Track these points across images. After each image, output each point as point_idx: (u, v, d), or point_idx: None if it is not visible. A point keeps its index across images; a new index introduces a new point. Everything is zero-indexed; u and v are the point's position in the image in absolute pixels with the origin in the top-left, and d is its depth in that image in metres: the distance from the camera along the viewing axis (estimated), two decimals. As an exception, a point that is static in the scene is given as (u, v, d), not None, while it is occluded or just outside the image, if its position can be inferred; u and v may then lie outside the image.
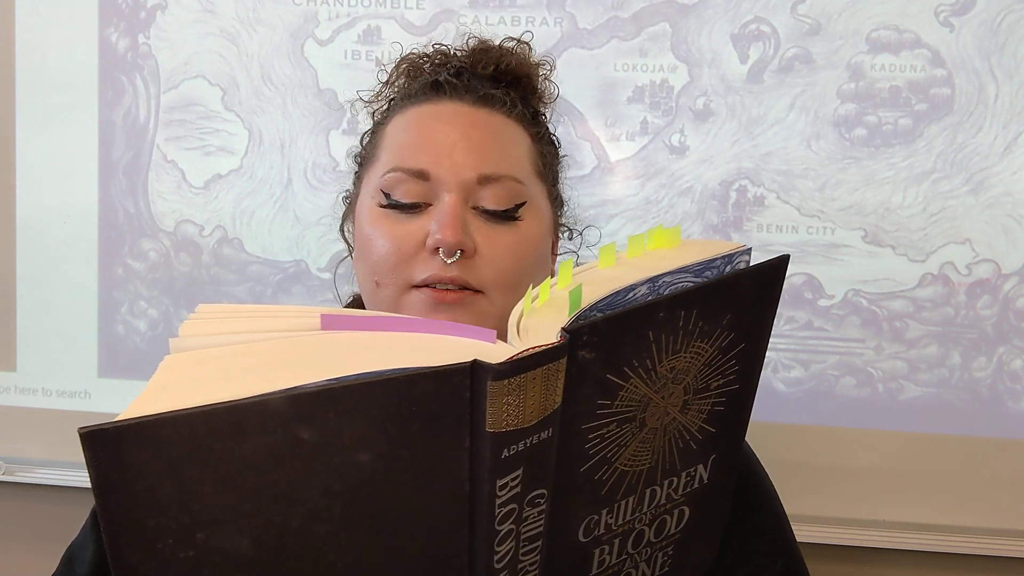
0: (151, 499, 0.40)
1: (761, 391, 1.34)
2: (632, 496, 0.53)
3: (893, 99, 1.24)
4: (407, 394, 0.42)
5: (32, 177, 1.42)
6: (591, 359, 0.46)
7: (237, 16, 1.36)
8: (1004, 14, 1.21)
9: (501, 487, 0.45)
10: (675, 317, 0.48)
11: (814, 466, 1.28)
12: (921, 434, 1.27)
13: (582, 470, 0.50)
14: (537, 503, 0.48)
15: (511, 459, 0.45)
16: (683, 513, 0.57)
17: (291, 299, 1.38)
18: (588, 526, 0.52)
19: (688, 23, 1.27)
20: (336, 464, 0.42)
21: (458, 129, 0.74)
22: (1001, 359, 1.25)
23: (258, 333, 0.46)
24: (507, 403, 0.43)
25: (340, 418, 0.41)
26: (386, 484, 0.44)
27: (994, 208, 1.23)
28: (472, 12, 1.31)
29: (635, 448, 0.52)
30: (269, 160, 1.37)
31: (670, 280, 0.51)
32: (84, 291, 1.42)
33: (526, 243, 0.74)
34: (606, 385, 0.48)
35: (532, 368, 0.43)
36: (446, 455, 0.44)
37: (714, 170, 1.28)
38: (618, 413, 0.49)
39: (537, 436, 0.45)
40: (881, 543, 1.28)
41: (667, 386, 0.51)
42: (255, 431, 0.40)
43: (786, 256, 0.53)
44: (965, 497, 1.26)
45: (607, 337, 0.46)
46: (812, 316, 1.27)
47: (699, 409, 0.53)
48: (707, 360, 0.52)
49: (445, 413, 0.43)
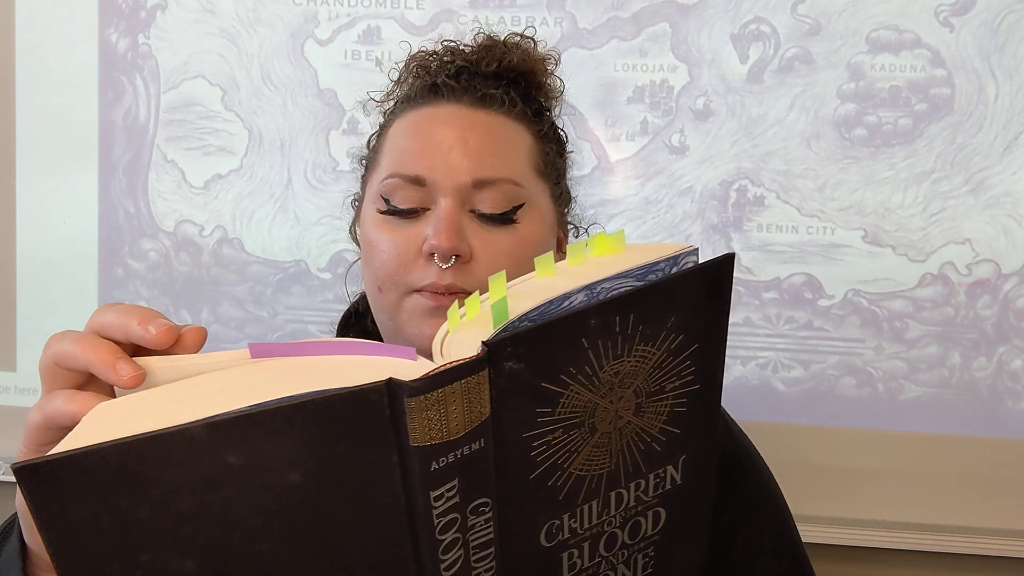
0: (91, 527, 0.42)
1: (761, 391, 1.35)
2: (595, 500, 0.53)
3: (893, 99, 1.24)
4: (327, 415, 0.43)
5: (32, 177, 1.42)
6: (519, 369, 0.46)
7: (237, 16, 1.36)
8: (1004, 14, 1.21)
9: (436, 498, 0.46)
10: (609, 323, 0.48)
11: (814, 466, 1.28)
12: (921, 434, 1.27)
13: (532, 477, 0.50)
14: (482, 511, 0.49)
15: (442, 471, 0.45)
16: (659, 515, 0.57)
17: (291, 299, 1.38)
18: (550, 531, 0.53)
19: (688, 23, 1.27)
20: (268, 484, 0.43)
21: (455, 132, 0.74)
22: (1001, 359, 1.25)
23: (192, 368, 0.48)
24: (428, 418, 0.44)
25: (264, 441, 0.42)
26: (321, 501, 0.45)
27: (994, 208, 1.23)
28: (472, 12, 1.31)
29: (589, 453, 0.51)
30: (269, 160, 1.37)
31: (609, 287, 0.51)
32: (84, 291, 1.42)
33: (524, 245, 0.74)
34: (543, 393, 0.48)
35: (449, 383, 0.44)
36: (376, 470, 0.45)
37: (714, 170, 1.28)
38: (562, 420, 0.49)
39: (468, 447, 0.46)
40: (881, 543, 1.28)
41: (614, 390, 0.50)
42: (181, 458, 0.41)
43: (730, 255, 0.52)
44: (965, 497, 1.26)
45: (534, 347, 0.46)
46: (812, 316, 1.27)
47: (656, 411, 0.53)
48: (656, 363, 0.51)
49: (368, 431, 0.44)
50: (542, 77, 0.83)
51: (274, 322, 1.38)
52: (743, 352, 1.28)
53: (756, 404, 1.28)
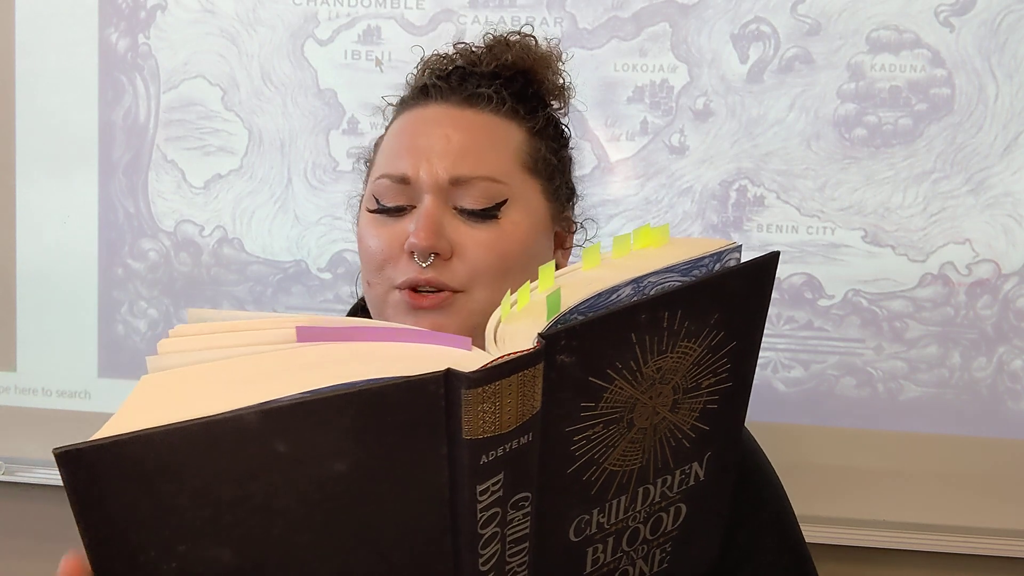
0: (130, 514, 0.41)
1: (761, 391, 1.34)
2: (624, 495, 0.53)
3: (893, 99, 1.24)
4: (381, 405, 0.42)
5: (32, 177, 1.42)
6: (571, 363, 0.46)
7: (237, 16, 1.36)
8: (1004, 14, 1.21)
9: (482, 492, 0.46)
10: (658, 318, 0.48)
11: (814, 466, 1.28)
12: (921, 434, 1.27)
13: (569, 471, 0.50)
14: (521, 506, 0.48)
15: (490, 465, 0.45)
16: (680, 510, 0.57)
17: (291, 299, 1.38)
18: (579, 526, 0.53)
19: (688, 23, 1.27)
20: (313, 474, 0.43)
21: (439, 131, 0.76)
22: (1001, 359, 1.25)
23: (235, 348, 0.46)
24: (483, 410, 0.43)
25: (314, 430, 0.42)
26: (365, 492, 0.45)
27: (994, 208, 1.23)
28: (472, 12, 1.31)
29: (624, 448, 0.52)
30: (269, 160, 1.37)
31: (656, 280, 0.51)
32: (84, 291, 1.42)
33: (507, 240, 0.75)
34: (589, 388, 0.48)
35: (507, 375, 0.43)
36: (424, 463, 0.44)
37: (714, 170, 1.28)
38: (603, 415, 0.49)
39: (517, 441, 0.46)
40: (881, 543, 1.28)
41: (654, 386, 0.51)
42: (230, 446, 0.41)
43: (776, 253, 0.52)
44: (965, 497, 1.26)
45: (587, 341, 0.46)
46: (812, 316, 1.27)
47: (690, 408, 0.53)
48: (696, 359, 0.51)
49: (420, 422, 0.43)
50: (541, 74, 0.83)
51: (274, 322, 1.38)
52: (743, 352, 1.28)
53: (756, 404, 1.27)
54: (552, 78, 0.84)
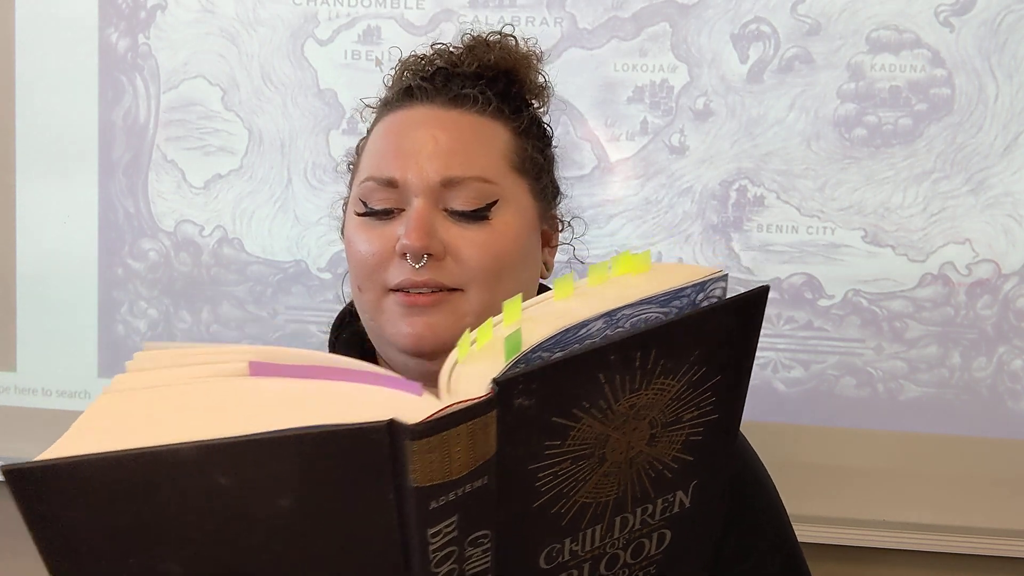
0: (80, 529, 0.42)
1: (761, 391, 1.34)
2: (599, 524, 0.52)
3: (893, 99, 1.24)
4: (322, 450, 0.42)
5: (32, 177, 1.42)
6: (530, 405, 0.45)
7: (237, 16, 1.36)
8: (1004, 14, 1.21)
9: (433, 534, 0.45)
10: (630, 358, 0.46)
11: (814, 466, 1.28)
12: (921, 434, 1.27)
13: (535, 505, 0.48)
14: (480, 543, 0.47)
15: (441, 509, 0.44)
16: (664, 536, 0.56)
17: (291, 299, 1.38)
18: (550, 554, 0.51)
19: (688, 23, 1.27)
20: (259, 507, 0.43)
21: (426, 133, 0.76)
22: (1001, 359, 1.25)
23: (188, 380, 0.47)
24: (429, 460, 0.42)
25: (256, 467, 0.42)
26: (313, 528, 0.44)
27: (994, 208, 1.23)
28: (472, 12, 1.31)
29: (597, 481, 0.50)
30: (269, 160, 1.37)
31: (630, 313, 0.49)
32: (84, 291, 1.42)
33: (499, 239, 0.74)
34: (552, 427, 0.46)
35: (454, 425, 0.42)
36: (371, 506, 0.44)
37: (714, 170, 1.28)
38: (571, 452, 0.48)
39: (469, 485, 0.44)
40: (881, 543, 1.28)
41: (628, 422, 0.49)
42: (171, 476, 0.41)
43: (764, 288, 0.50)
44: (965, 497, 1.26)
45: (548, 383, 0.45)
46: (812, 316, 1.27)
47: (671, 440, 0.51)
48: (675, 395, 0.49)
49: (365, 468, 0.42)
50: (523, 73, 0.83)
51: (274, 322, 1.38)
52: (743, 352, 1.28)
53: (756, 404, 1.28)
54: (533, 77, 0.84)
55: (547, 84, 0.85)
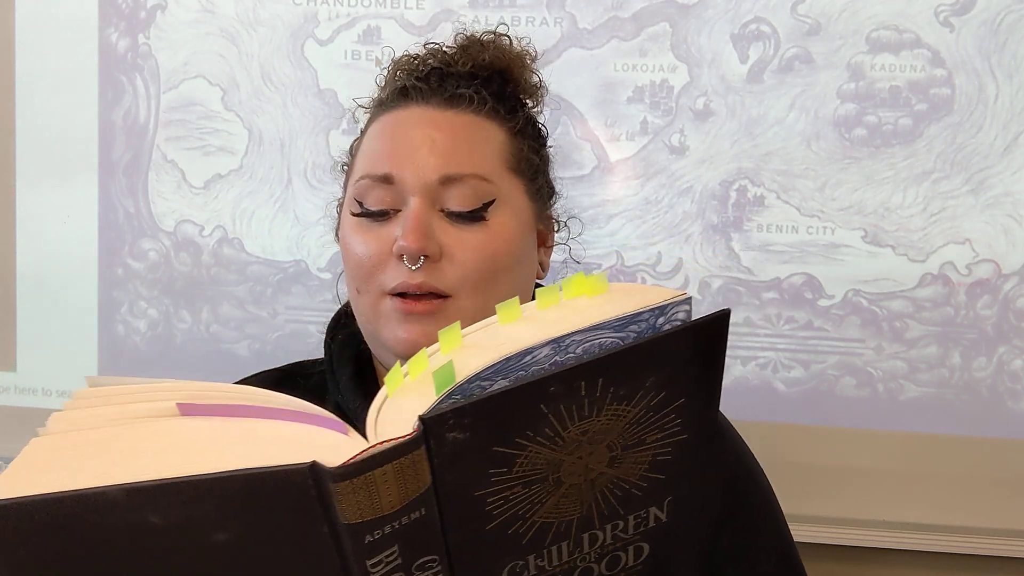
0: (20, 561, 0.43)
1: (761, 391, 1.34)
2: (565, 541, 0.51)
3: (893, 99, 1.24)
4: (248, 491, 0.42)
5: (32, 177, 1.42)
6: (466, 438, 0.44)
7: (237, 16, 1.36)
8: (1004, 14, 1.21)
9: (374, 564, 0.45)
10: (574, 388, 0.44)
11: (814, 466, 1.28)
12: (921, 434, 1.27)
13: (489, 528, 0.47)
14: (429, 567, 0.47)
15: (378, 542, 0.44)
16: (641, 549, 0.54)
17: (291, 299, 1.38)
18: (514, 570, 0.51)
19: (688, 23, 1.27)
20: (195, 543, 0.44)
21: (422, 132, 0.76)
22: (1001, 359, 1.25)
23: (119, 420, 0.48)
24: (357, 500, 0.42)
25: (186, 506, 0.43)
26: (253, 561, 0.45)
27: (994, 208, 1.23)
28: (472, 12, 1.31)
29: (556, 503, 0.49)
30: (269, 160, 1.37)
31: (580, 339, 0.46)
32: (84, 291, 1.42)
33: (496, 242, 0.74)
34: (495, 456, 0.45)
35: (378, 466, 0.42)
36: (308, 540, 0.44)
37: (714, 170, 1.28)
38: (521, 477, 0.46)
39: (406, 518, 0.44)
40: (881, 543, 1.28)
41: (582, 447, 0.47)
42: (101, 516, 0.42)
43: (725, 311, 0.47)
44: (965, 497, 1.26)
45: (482, 417, 0.44)
46: (812, 316, 1.27)
47: (635, 461, 0.49)
48: (633, 420, 0.48)
49: (294, 508, 0.43)
50: (518, 73, 0.83)
51: (274, 322, 1.38)
52: (743, 352, 1.28)
53: (756, 404, 1.28)
54: (528, 77, 0.84)
55: (541, 84, 0.85)
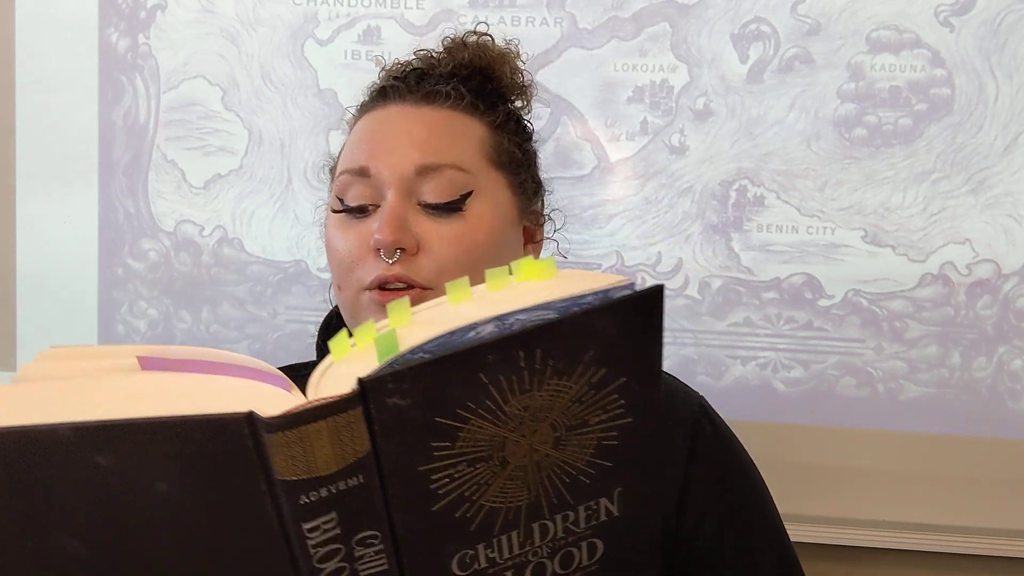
0: None
1: (761, 391, 1.34)
2: (515, 531, 0.51)
3: (893, 99, 1.24)
4: (188, 438, 0.44)
5: (32, 177, 1.42)
6: (407, 405, 0.45)
7: (237, 16, 1.36)
8: (1004, 14, 1.21)
9: (311, 529, 0.46)
10: (512, 358, 0.46)
11: (814, 466, 1.28)
12: (921, 434, 1.27)
13: (436, 509, 0.48)
14: (371, 543, 0.48)
15: (314, 505, 0.45)
16: (595, 546, 0.55)
17: (291, 299, 1.38)
18: (464, 560, 0.51)
19: (688, 23, 1.27)
20: (140, 489, 0.45)
21: (399, 127, 0.77)
22: (1001, 359, 1.25)
23: (80, 374, 0.50)
24: (291, 454, 0.43)
25: (132, 450, 0.44)
26: (195, 513, 0.46)
27: (994, 208, 1.23)
28: (472, 12, 1.31)
29: (502, 485, 0.49)
30: (269, 160, 1.37)
31: (525, 318, 0.48)
32: (84, 291, 1.42)
33: (473, 234, 0.75)
34: (438, 428, 0.46)
35: (312, 421, 0.43)
36: (246, 495, 0.45)
37: (714, 170, 1.28)
38: (465, 454, 0.47)
39: (344, 483, 0.45)
40: (881, 543, 1.28)
41: (525, 424, 0.48)
42: (53, 455, 0.44)
43: (658, 287, 0.48)
44: (965, 497, 1.26)
45: (421, 383, 0.45)
46: (812, 316, 1.27)
47: (580, 445, 0.50)
48: (575, 397, 0.49)
49: (232, 459, 0.44)
50: (499, 71, 0.84)
51: (274, 322, 1.38)
52: (743, 352, 1.28)
53: (756, 404, 1.28)
54: (511, 75, 0.85)
55: (527, 82, 0.86)
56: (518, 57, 0.86)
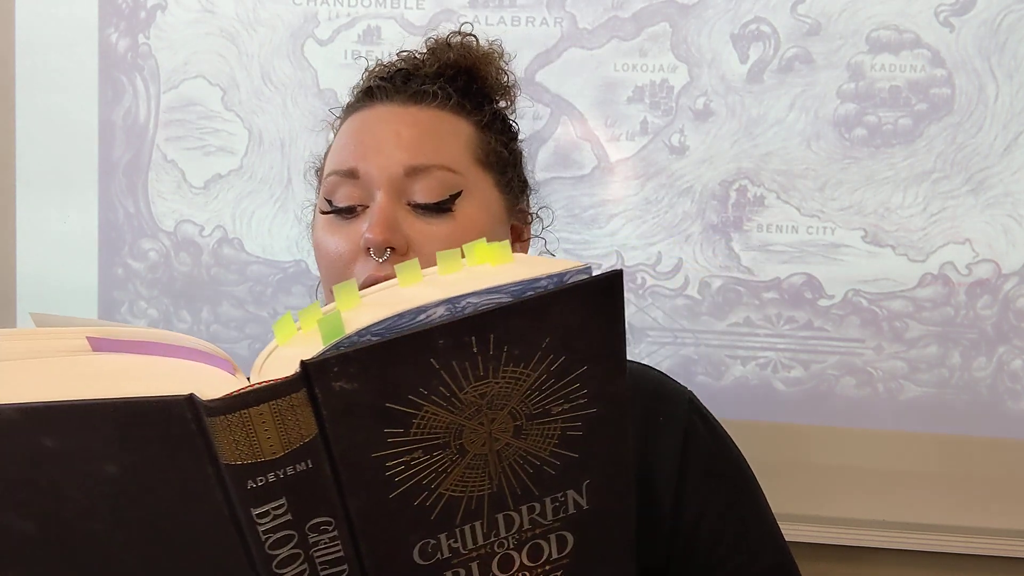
0: None
1: (761, 391, 1.35)
2: (478, 521, 0.50)
3: (893, 99, 1.24)
4: (132, 420, 0.43)
5: (32, 177, 1.42)
6: (354, 389, 0.44)
7: (237, 16, 1.36)
8: (1004, 14, 1.21)
9: (261, 515, 0.45)
10: (463, 343, 0.44)
11: (814, 466, 1.28)
12: (921, 434, 1.27)
13: (392, 496, 0.47)
14: (324, 530, 0.47)
15: (261, 490, 0.44)
16: (564, 539, 0.54)
17: (291, 299, 1.38)
18: (425, 550, 0.50)
19: (688, 23, 1.27)
20: (87, 471, 0.44)
21: (387, 128, 0.77)
22: (1001, 359, 1.25)
23: (28, 354, 0.49)
24: (234, 438, 0.43)
25: (79, 432, 0.43)
26: (143, 496, 0.45)
27: (994, 208, 1.23)
28: (472, 12, 1.31)
29: (461, 474, 0.48)
30: (269, 160, 1.37)
31: (476, 302, 0.47)
32: (84, 291, 1.42)
33: (464, 234, 0.74)
34: (390, 414, 0.45)
35: (253, 404, 0.42)
36: (193, 478, 0.44)
37: (714, 170, 1.28)
38: (419, 440, 0.46)
39: (292, 468, 0.44)
40: (881, 543, 1.28)
41: (482, 412, 0.47)
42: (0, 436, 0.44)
43: (615, 272, 0.47)
44: (965, 497, 1.26)
45: (369, 367, 0.44)
46: (812, 316, 1.27)
47: (542, 434, 0.49)
48: (533, 385, 0.47)
49: (177, 441, 0.43)
50: (485, 71, 0.84)
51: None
52: (743, 352, 1.28)
53: (756, 404, 1.28)
54: (496, 76, 0.85)
55: (511, 82, 0.86)
56: (502, 57, 0.86)
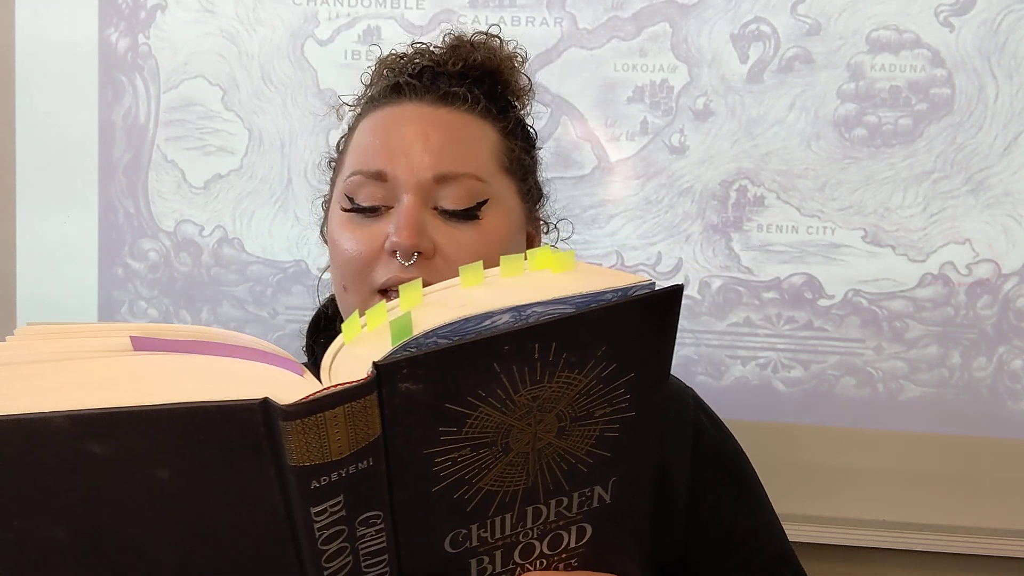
0: None
1: (761, 391, 1.34)
2: (509, 513, 0.51)
3: (893, 99, 1.24)
4: (196, 425, 0.42)
5: (32, 177, 1.42)
6: (418, 390, 0.44)
7: (237, 16, 1.36)
8: (1004, 14, 1.21)
9: (319, 513, 0.45)
10: (527, 349, 0.45)
11: (814, 466, 1.28)
12: (921, 434, 1.27)
13: (435, 490, 0.48)
14: (372, 523, 0.47)
15: (324, 489, 0.44)
16: (583, 530, 0.55)
17: (291, 299, 1.38)
18: (456, 539, 0.51)
19: (688, 23, 1.27)
20: (136, 476, 0.44)
21: (416, 129, 0.75)
22: (1001, 359, 1.25)
23: (70, 353, 0.47)
24: (306, 440, 0.42)
25: (130, 438, 0.42)
26: (194, 499, 0.45)
27: (994, 208, 1.23)
28: (472, 12, 1.31)
29: (502, 470, 0.49)
30: (269, 160, 1.37)
31: (541, 311, 0.47)
32: (84, 291, 1.42)
33: (489, 242, 0.74)
34: (447, 414, 0.46)
35: (330, 407, 0.42)
36: (252, 481, 0.44)
37: (714, 170, 1.28)
38: (470, 439, 0.47)
39: (354, 467, 0.45)
40: (881, 543, 1.28)
41: (532, 414, 0.48)
42: (43, 443, 0.42)
43: (678, 287, 0.48)
44: (965, 497, 1.26)
45: (436, 370, 0.44)
46: (812, 316, 1.27)
47: (583, 435, 0.51)
48: (583, 390, 0.49)
49: (242, 445, 0.43)
50: (508, 74, 0.83)
51: (274, 322, 1.38)
52: (743, 352, 1.28)
53: (756, 404, 1.28)
54: (517, 78, 0.84)
55: (530, 86, 0.85)
56: (524, 61, 0.85)
